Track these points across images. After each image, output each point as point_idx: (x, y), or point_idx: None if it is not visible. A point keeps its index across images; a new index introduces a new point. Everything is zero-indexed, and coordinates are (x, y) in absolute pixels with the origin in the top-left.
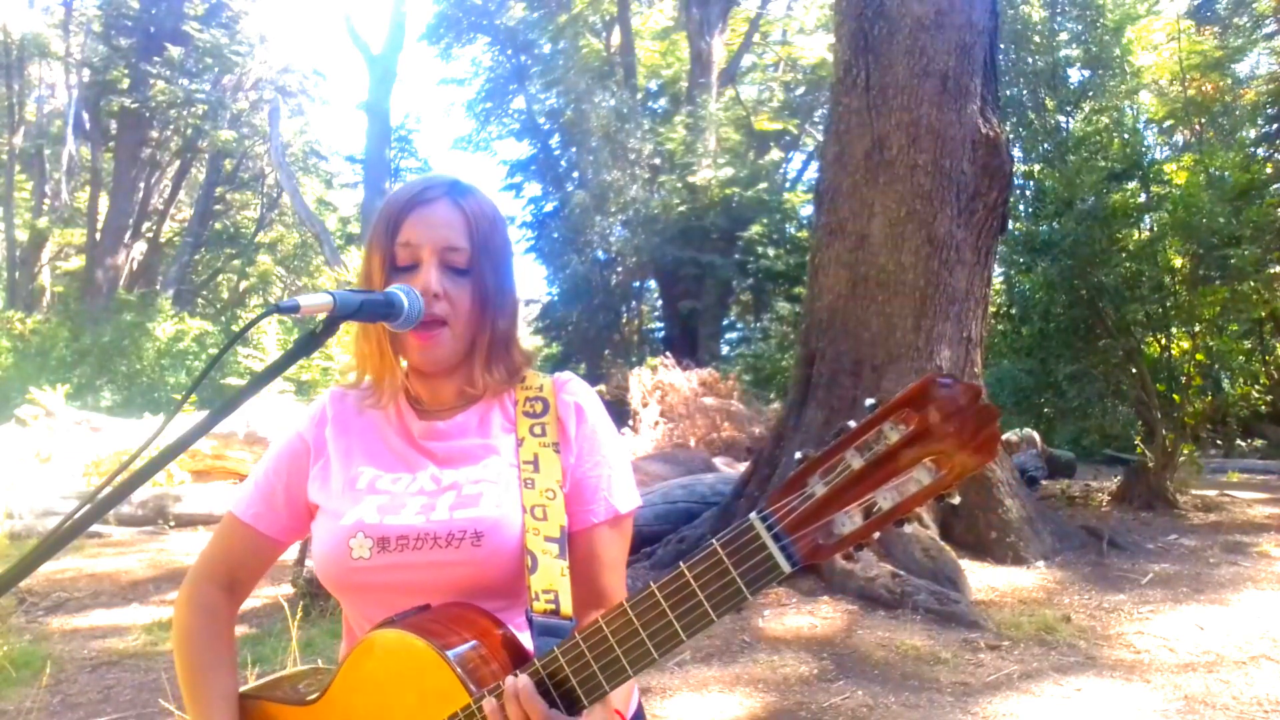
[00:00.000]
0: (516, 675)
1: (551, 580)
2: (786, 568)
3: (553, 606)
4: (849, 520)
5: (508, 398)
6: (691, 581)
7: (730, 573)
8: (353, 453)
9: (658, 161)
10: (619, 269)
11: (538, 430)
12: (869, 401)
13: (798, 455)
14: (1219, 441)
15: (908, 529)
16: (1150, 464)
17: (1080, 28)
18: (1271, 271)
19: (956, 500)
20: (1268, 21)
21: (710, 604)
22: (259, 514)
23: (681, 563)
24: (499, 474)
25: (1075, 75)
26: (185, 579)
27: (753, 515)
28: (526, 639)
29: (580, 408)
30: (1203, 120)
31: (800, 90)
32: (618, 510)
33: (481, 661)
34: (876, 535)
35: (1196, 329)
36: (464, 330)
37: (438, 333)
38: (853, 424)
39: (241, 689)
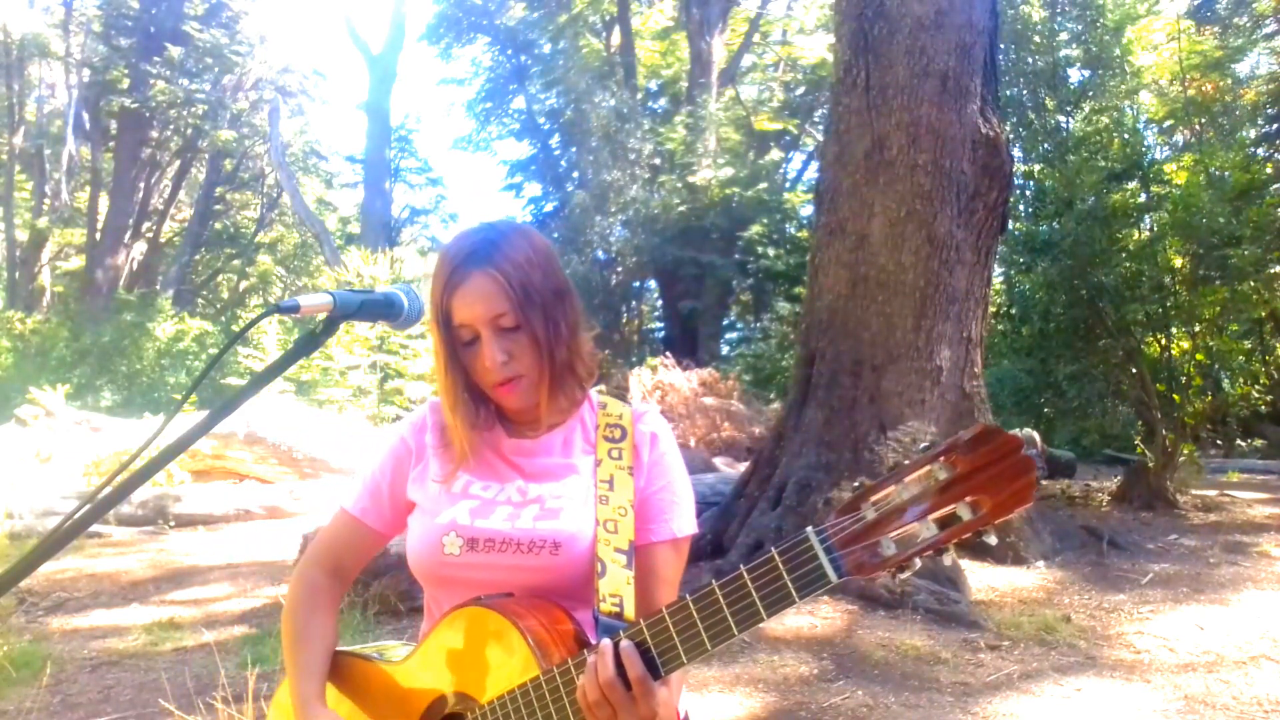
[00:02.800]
0: (620, 635)
1: (618, 586)
2: (834, 578)
3: (617, 609)
4: (893, 545)
5: (590, 422)
6: (749, 583)
7: (783, 577)
8: (449, 460)
9: (658, 161)
10: (619, 269)
11: (615, 454)
12: (923, 444)
13: (855, 484)
14: (1219, 441)
15: (947, 560)
16: (1150, 464)
17: (1080, 28)
18: (1271, 271)
19: (994, 541)
20: (1268, 21)
21: (763, 604)
22: (366, 509)
23: (742, 565)
24: (578, 491)
25: (1075, 75)
26: (299, 562)
27: (809, 530)
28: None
29: (655, 437)
30: (1203, 120)
31: (800, 90)
32: (676, 535)
33: (552, 643)
34: (917, 561)
35: (1196, 329)
36: (537, 374)
37: (516, 384)
38: (907, 462)
39: (339, 648)
